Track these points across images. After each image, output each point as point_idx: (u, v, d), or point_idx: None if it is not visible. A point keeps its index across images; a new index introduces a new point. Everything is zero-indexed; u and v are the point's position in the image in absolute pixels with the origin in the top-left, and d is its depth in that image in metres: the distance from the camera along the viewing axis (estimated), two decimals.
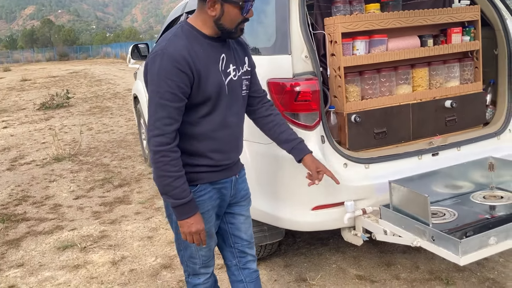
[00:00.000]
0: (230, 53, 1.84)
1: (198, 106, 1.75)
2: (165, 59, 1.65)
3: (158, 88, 1.65)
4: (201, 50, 1.72)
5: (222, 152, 1.84)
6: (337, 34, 2.47)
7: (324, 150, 2.37)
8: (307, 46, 2.34)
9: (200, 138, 1.79)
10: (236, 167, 1.98)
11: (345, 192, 2.36)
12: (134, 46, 4.92)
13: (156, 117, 1.67)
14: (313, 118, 2.31)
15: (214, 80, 1.74)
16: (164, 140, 1.67)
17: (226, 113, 1.81)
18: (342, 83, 2.50)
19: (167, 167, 1.68)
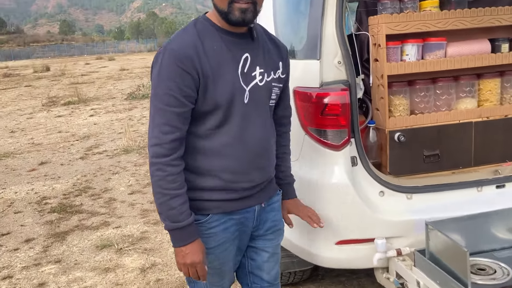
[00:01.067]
0: (258, 53, 1.53)
1: (206, 115, 1.47)
2: (167, 57, 1.41)
3: (157, 89, 1.42)
4: (213, 48, 1.44)
5: (236, 172, 1.52)
6: (381, 36, 2.07)
7: (356, 173, 2.00)
8: (342, 50, 1.97)
9: (208, 154, 1.50)
10: (263, 193, 1.63)
11: (377, 227, 1.98)
12: None
13: (154, 123, 1.43)
14: (341, 136, 1.94)
15: (225, 84, 1.45)
16: (161, 151, 1.42)
17: (243, 126, 1.50)
18: (385, 94, 2.10)
19: (163, 183, 1.43)
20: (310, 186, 2.03)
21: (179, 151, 1.45)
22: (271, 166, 1.64)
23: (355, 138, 2.00)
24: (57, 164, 6.30)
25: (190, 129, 1.47)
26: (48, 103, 12.45)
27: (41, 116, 10.52)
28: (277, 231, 1.73)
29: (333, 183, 1.96)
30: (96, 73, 23.46)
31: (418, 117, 2.15)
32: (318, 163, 2.00)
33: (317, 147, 1.98)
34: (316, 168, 2.01)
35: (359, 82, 2.15)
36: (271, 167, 1.65)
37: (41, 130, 8.83)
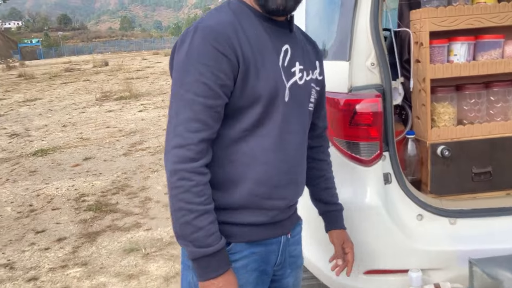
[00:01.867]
0: (297, 47, 1.29)
1: (242, 112, 1.18)
2: (198, 36, 1.12)
3: (185, 76, 1.12)
4: (254, 32, 1.19)
5: (271, 186, 1.22)
6: (424, 33, 1.77)
7: (389, 193, 1.72)
8: (376, 50, 1.70)
9: (241, 162, 1.19)
10: (290, 220, 1.36)
11: (413, 257, 1.70)
12: None
13: (177, 120, 1.12)
14: (371, 150, 1.68)
15: (270, 75, 1.18)
16: (187, 155, 1.11)
17: (283, 127, 1.22)
18: (427, 100, 1.81)
19: (188, 196, 1.11)
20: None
21: (207, 157, 1.14)
22: (304, 182, 1.37)
23: (389, 151, 1.72)
24: (101, 160, 6.34)
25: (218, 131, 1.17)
26: (102, 97, 12.75)
27: (93, 111, 10.76)
28: (298, 267, 1.45)
29: (362, 204, 1.70)
30: (151, 68, 23.96)
31: (466, 128, 1.83)
32: (345, 180, 1.74)
33: (345, 161, 1.73)
34: (343, 186, 1.75)
35: (398, 86, 1.86)
36: (304, 183, 1.37)
37: (90, 125, 9.00)
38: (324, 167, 1.52)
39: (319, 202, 1.53)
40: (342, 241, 1.51)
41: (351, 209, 1.73)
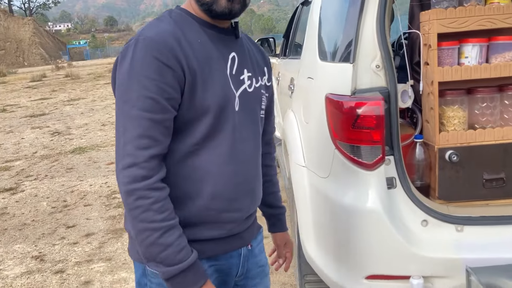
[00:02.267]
0: (244, 54, 1.26)
1: (191, 125, 1.13)
2: (140, 47, 1.06)
3: (128, 92, 1.06)
4: (198, 41, 1.14)
5: (227, 198, 1.19)
6: (432, 35, 1.73)
7: (393, 197, 1.69)
8: (382, 52, 1.67)
9: (194, 177, 1.15)
10: (250, 231, 1.33)
11: (415, 263, 1.66)
12: (258, 41, 4.60)
13: (125, 139, 1.06)
14: (373, 154, 1.65)
15: (217, 85, 1.15)
16: (139, 173, 1.05)
17: (235, 138, 1.19)
18: (435, 104, 1.76)
19: (149, 215, 1.06)
20: (339, 209, 1.76)
21: (160, 172, 1.09)
22: (260, 191, 1.34)
23: (394, 156, 1.70)
24: None
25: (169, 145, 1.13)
26: None
27: None
28: (265, 277, 1.43)
29: (363, 208, 1.68)
30: None
31: (478, 132, 1.78)
32: (348, 184, 1.73)
33: (347, 164, 1.71)
34: (346, 189, 1.74)
35: (408, 88, 1.83)
36: (261, 192, 1.34)
37: None
38: (270, 172, 1.53)
39: (264, 205, 1.53)
40: (284, 242, 1.57)
41: (354, 213, 1.71)
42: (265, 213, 1.57)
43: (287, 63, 3.57)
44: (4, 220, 4.47)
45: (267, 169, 1.50)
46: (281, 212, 1.57)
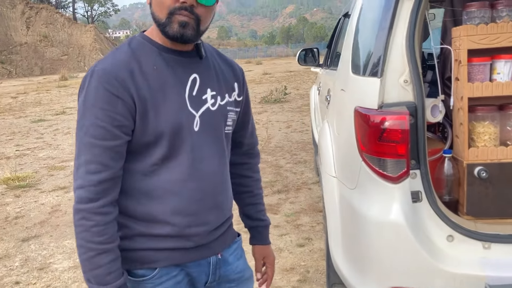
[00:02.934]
0: (208, 73, 1.30)
1: (148, 148, 1.21)
2: (94, 78, 1.16)
3: (83, 120, 1.15)
4: (153, 68, 1.21)
5: (190, 214, 1.25)
6: (462, 51, 1.73)
7: (419, 211, 1.71)
8: (411, 67, 1.70)
9: (155, 195, 1.23)
10: (220, 241, 1.37)
11: (438, 278, 1.66)
12: (302, 51, 4.67)
13: (78, 162, 1.16)
14: (398, 167, 1.68)
15: (171, 110, 1.20)
16: (86, 195, 1.14)
17: (195, 157, 1.24)
18: (464, 119, 1.76)
19: (87, 235, 1.15)
20: (364, 220, 1.79)
21: (110, 196, 1.17)
22: (228, 204, 1.37)
23: (420, 169, 1.71)
24: None
25: (129, 166, 1.21)
26: None
27: None
28: (245, 281, 1.46)
29: (387, 221, 1.70)
30: None
31: (509, 149, 1.75)
32: (373, 196, 1.76)
33: (373, 177, 1.74)
34: (371, 201, 1.77)
35: (438, 103, 1.84)
36: (229, 204, 1.37)
37: None
38: (250, 184, 1.54)
39: (245, 217, 1.55)
40: (262, 256, 1.54)
41: (378, 225, 1.74)
42: (245, 225, 1.57)
43: (327, 73, 3.62)
44: (57, 216, 4.75)
45: (245, 180, 1.52)
46: (260, 225, 1.56)
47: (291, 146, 7.18)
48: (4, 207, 5.15)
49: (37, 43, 62.93)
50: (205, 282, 1.36)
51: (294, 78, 20.29)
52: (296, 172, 5.71)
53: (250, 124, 1.52)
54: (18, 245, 4.05)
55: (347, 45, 2.41)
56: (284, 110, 11.03)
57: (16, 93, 22.58)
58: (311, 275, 3.14)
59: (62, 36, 65.33)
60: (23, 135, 10.02)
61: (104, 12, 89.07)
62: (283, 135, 8.05)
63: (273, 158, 6.48)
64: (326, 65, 4.14)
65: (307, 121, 9.23)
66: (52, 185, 5.89)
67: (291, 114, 10.41)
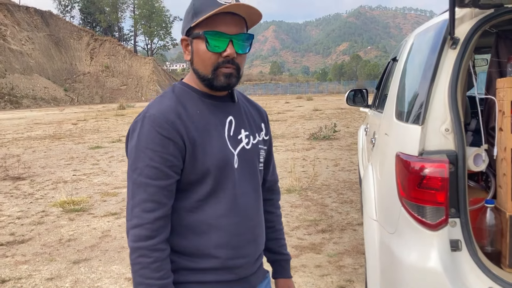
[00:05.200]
0: (240, 115, 1.43)
1: (195, 185, 1.31)
2: (146, 123, 1.25)
3: (136, 162, 1.25)
4: (197, 112, 1.32)
5: (232, 247, 1.33)
6: (506, 102, 1.75)
7: (458, 261, 1.70)
8: (452, 116, 1.74)
9: (199, 230, 1.31)
10: (256, 275, 1.44)
11: None
12: (351, 91, 4.73)
13: (133, 202, 1.25)
14: (437, 215, 1.69)
15: (215, 149, 1.31)
16: (144, 233, 1.23)
17: (236, 193, 1.34)
18: (507, 170, 1.76)
19: (146, 272, 1.22)
20: (402, 266, 1.80)
21: (164, 233, 1.26)
22: (263, 237, 1.46)
23: (460, 218, 1.71)
24: None
25: (175, 203, 1.30)
26: None
27: None
28: None
29: (425, 268, 1.70)
30: (291, 111, 24.93)
31: None
32: (411, 242, 1.77)
33: (412, 222, 1.76)
34: (410, 247, 1.78)
35: (482, 152, 1.85)
36: (263, 238, 1.46)
37: None
38: (273, 219, 1.61)
39: (268, 251, 1.61)
40: None
41: (415, 271, 1.74)
42: (268, 259, 1.63)
43: (374, 115, 3.65)
44: (106, 241, 4.96)
45: (268, 215, 1.60)
46: (283, 259, 1.62)
47: (338, 185, 7.15)
48: (58, 229, 5.44)
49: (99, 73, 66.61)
50: None
51: (344, 116, 20.25)
52: (342, 212, 5.67)
53: (272, 162, 1.62)
54: (69, 266, 4.25)
55: (393, 89, 2.47)
56: (333, 148, 11.01)
57: (76, 120, 23.91)
58: None
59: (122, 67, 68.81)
60: (80, 161, 10.57)
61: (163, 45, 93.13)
62: (330, 173, 8.03)
63: (318, 196, 6.47)
64: (374, 106, 4.17)
65: (355, 160, 9.17)
66: (104, 211, 6.17)
67: (340, 152, 10.37)
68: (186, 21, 1.34)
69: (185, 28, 1.34)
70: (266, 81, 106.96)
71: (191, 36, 1.32)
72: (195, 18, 1.29)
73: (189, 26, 1.31)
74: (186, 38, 1.34)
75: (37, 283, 3.91)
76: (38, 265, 4.30)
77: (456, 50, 1.82)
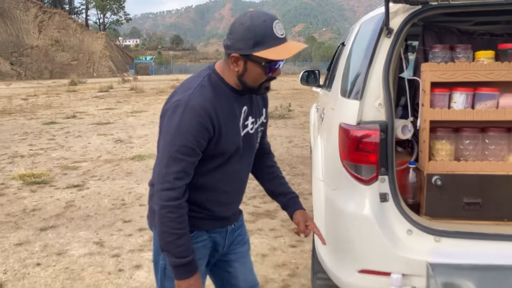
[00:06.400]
0: (251, 104, 1.75)
1: (211, 159, 1.65)
2: (188, 112, 1.54)
3: (175, 141, 1.54)
4: (225, 105, 1.63)
5: (223, 204, 1.77)
6: (427, 82, 2.17)
7: (385, 209, 2.12)
8: (384, 93, 2.14)
9: (201, 189, 1.69)
10: (235, 216, 1.88)
11: (398, 263, 2.07)
12: (305, 72, 5.12)
13: (168, 170, 1.56)
14: (369, 172, 2.10)
15: (233, 137, 1.66)
16: (174, 195, 1.56)
17: (236, 167, 1.73)
18: (426, 138, 2.19)
19: (173, 224, 1.57)
20: (342, 215, 2.21)
21: (186, 194, 1.60)
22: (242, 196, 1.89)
23: (388, 176, 2.13)
24: None
25: None
26: None
27: None
28: (245, 243, 1.96)
29: (360, 215, 2.12)
30: None
31: (460, 163, 2.18)
32: (350, 195, 2.18)
33: (350, 179, 2.16)
34: (348, 199, 2.19)
35: (408, 124, 2.27)
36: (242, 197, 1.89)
37: None
38: (275, 170, 2.00)
39: (279, 195, 1.96)
40: (305, 220, 1.91)
41: (352, 219, 2.16)
42: (281, 203, 1.97)
43: (324, 93, 4.06)
44: (72, 211, 5.17)
45: (271, 168, 1.99)
46: (293, 196, 1.96)
47: (291, 159, 7.61)
48: (21, 200, 5.58)
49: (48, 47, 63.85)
50: (223, 245, 1.84)
51: (299, 96, 20.75)
52: (294, 183, 6.11)
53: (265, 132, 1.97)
54: (36, 233, 4.46)
55: (340, 70, 2.86)
56: (288, 126, 11.47)
57: (26, 95, 23.14)
58: (300, 270, 3.54)
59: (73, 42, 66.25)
60: (35, 136, 10.49)
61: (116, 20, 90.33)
62: (284, 149, 8.47)
63: None
64: (325, 86, 4.58)
65: (308, 138, 9.67)
66: (65, 183, 6.32)
67: (294, 130, 10.84)
68: (245, 46, 1.53)
69: (242, 49, 1.54)
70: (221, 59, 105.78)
71: (248, 59, 1.56)
72: (256, 47, 1.52)
73: (249, 53, 1.53)
74: (240, 57, 1.56)
75: (6, 247, 4.10)
76: (5, 233, 4.48)
77: (390, 38, 2.21)
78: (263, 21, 1.51)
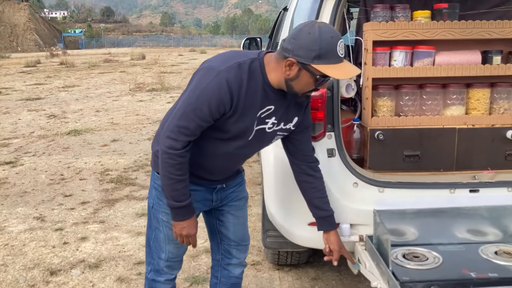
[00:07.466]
0: (281, 107, 1.75)
1: (215, 130, 1.72)
2: (216, 82, 1.60)
3: (195, 101, 1.63)
4: (253, 91, 1.67)
5: (211, 173, 1.89)
6: (369, 41, 2.25)
7: (332, 164, 2.21)
8: None
9: (200, 156, 1.80)
10: (225, 180, 1.97)
11: (346, 213, 2.18)
12: (247, 40, 5.12)
13: (178, 123, 1.66)
14: (318, 129, 2.17)
15: (244, 124, 1.71)
16: (175, 145, 1.67)
17: (235, 152, 1.81)
18: (369, 95, 2.29)
19: (171, 169, 1.69)
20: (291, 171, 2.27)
21: (188, 147, 1.70)
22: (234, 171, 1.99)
23: (334, 132, 2.21)
24: (127, 142, 6.98)
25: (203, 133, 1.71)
26: (135, 88, 13.47)
27: (125, 100, 11.48)
28: (241, 199, 2.07)
29: None
30: (185, 64, 24.73)
31: (400, 119, 2.30)
32: None
33: None
34: None
35: (351, 83, 2.35)
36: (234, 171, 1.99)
37: (121, 112, 9.70)
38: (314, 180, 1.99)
39: (314, 208, 2.01)
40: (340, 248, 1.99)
41: None
42: (314, 215, 2.03)
43: None
44: (6, 188, 4.92)
45: (310, 178, 1.99)
46: (328, 214, 2.00)
47: None
48: None
49: None
50: (212, 199, 1.96)
51: None
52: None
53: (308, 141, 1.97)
54: None
55: (284, 35, 2.89)
56: None
57: None
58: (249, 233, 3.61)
59: None
60: None
61: None
62: None
63: None
64: None
65: None
66: None
67: None
68: (306, 55, 1.55)
69: (301, 57, 1.56)
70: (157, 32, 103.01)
71: (304, 68, 1.58)
72: (317, 60, 1.54)
73: (308, 63, 1.56)
74: (297, 64, 1.57)
75: None
76: None
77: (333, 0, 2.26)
78: (330, 37, 1.54)
